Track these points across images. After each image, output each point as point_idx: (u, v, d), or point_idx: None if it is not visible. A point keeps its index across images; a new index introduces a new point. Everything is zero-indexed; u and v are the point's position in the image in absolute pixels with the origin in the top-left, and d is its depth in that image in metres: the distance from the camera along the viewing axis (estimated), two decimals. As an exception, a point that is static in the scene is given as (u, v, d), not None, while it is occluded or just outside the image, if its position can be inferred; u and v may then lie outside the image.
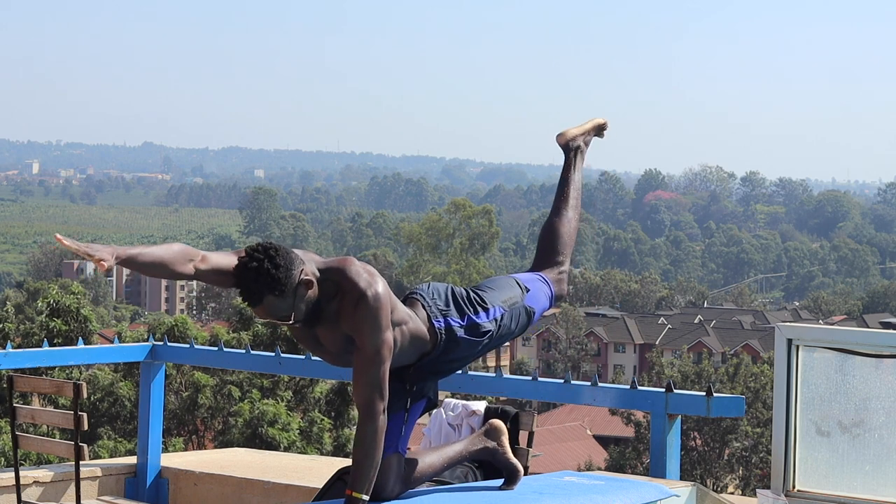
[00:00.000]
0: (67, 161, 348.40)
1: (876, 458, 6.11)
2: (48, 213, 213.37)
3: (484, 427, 5.56)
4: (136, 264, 4.85)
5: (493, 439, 5.49)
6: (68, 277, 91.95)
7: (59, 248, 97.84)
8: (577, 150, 5.94)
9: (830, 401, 6.22)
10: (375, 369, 4.93)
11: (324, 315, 4.99)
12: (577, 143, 5.95)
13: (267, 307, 4.89)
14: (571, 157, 5.92)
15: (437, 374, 5.27)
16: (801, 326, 6.37)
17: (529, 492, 5.26)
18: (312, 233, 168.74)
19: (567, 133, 5.96)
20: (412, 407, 5.22)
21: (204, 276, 4.94)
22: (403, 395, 5.19)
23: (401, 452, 5.18)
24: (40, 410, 7.75)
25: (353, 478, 5.00)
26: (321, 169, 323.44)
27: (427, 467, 5.33)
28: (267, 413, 27.49)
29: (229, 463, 8.35)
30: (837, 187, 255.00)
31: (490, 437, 5.50)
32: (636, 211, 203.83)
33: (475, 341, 5.24)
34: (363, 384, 4.94)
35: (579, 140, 5.96)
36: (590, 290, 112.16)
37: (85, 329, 27.19)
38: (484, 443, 5.48)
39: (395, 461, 5.15)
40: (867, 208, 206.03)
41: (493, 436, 5.50)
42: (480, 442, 5.48)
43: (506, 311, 5.34)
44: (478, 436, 5.51)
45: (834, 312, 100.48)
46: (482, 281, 5.57)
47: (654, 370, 51.15)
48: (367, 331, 4.92)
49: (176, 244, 4.96)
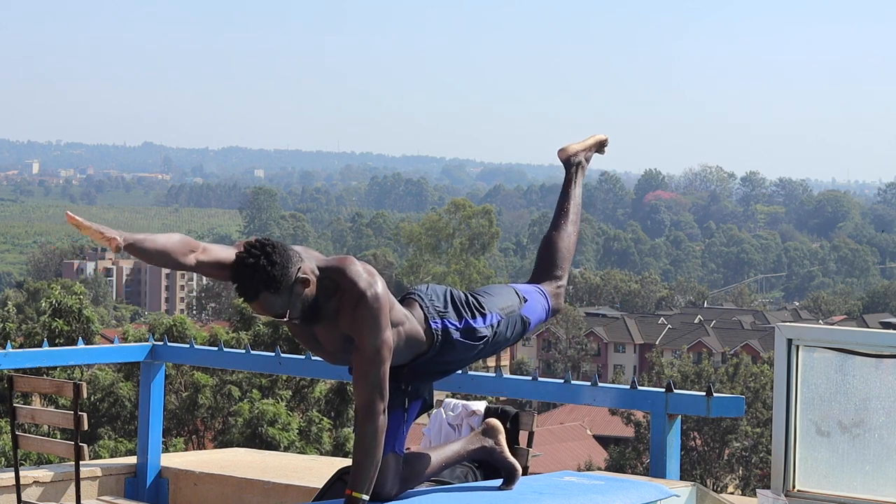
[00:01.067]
0: (67, 161, 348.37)
1: (876, 458, 6.11)
2: (48, 213, 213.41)
3: (481, 426, 5.57)
4: (141, 250, 4.89)
5: (491, 438, 5.49)
6: (68, 277, 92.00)
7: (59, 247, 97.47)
8: (578, 165, 5.99)
9: (830, 401, 6.22)
10: (376, 369, 4.93)
11: (322, 313, 5.00)
12: (578, 158, 5.99)
13: (262, 303, 4.91)
14: (572, 172, 5.96)
15: (431, 375, 5.28)
16: (801, 326, 6.37)
17: (529, 492, 5.26)
18: (312, 233, 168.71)
19: (568, 148, 5.99)
20: (410, 406, 5.23)
21: (204, 268, 4.97)
22: (400, 394, 5.20)
23: (399, 452, 5.19)
24: (40, 410, 7.75)
25: (353, 478, 5.01)
26: (321, 169, 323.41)
27: (425, 467, 5.33)
28: (267, 413, 27.49)
29: (229, 463, 8.35)
30: (837, 187, 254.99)
31: (487, 436, 5.50)
32: (636, 211, 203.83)
33: (470, 345, 5.24)
34: (363, 384, 4.95)
35: (580, 156, 6.00)
36: (590, 290, 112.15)
37: (87, 329, 27.18)
38: (481, 442, 5.49)
39: (394, 461, 5.16)
40: (867, 208, 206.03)
41: (490, 435, 5.50)
42: (478, 441, 5.49)
43: (503, 319, 5.34)
44: (475, 435, 5.52)
45: (834, 312, 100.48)
46: (481, 287, 5.57)
47: (653, 370, 51.15)
48: (366, 331, 4.92)
49: (176, 234, 4.99)
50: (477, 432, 5.54)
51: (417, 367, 5.19)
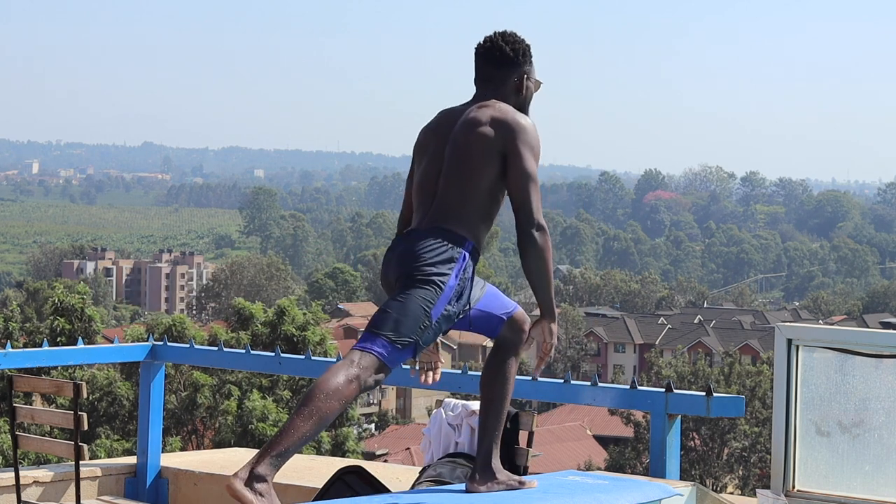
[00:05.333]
0: (67, 161, 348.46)
1: (876, 458, 6.11)
2: (48, 213, 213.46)
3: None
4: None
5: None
6: (68, 277, 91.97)
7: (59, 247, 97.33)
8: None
9: (830, 401, 6.21)
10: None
11: None
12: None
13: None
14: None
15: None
16: (801, 326, 6.37)
17: (534, 490, 5.26)
18: (312, 233, 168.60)
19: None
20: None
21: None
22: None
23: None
24: (40, 410, 7.75)
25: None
26: (321, 169, 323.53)
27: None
28: (255, 409, 27.47)
29: (229, 463, 8.34)
30: (837, 187, 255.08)
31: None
32: (636, 211, 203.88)
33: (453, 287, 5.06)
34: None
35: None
36: (590, 290, 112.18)
37: (88, 329, 27.18)
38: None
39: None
40: (867, 208, 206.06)
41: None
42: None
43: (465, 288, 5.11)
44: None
45: (834, 312, 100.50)
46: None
47: (653, 370, 51.16)
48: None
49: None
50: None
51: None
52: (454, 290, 5.00)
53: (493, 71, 5.22)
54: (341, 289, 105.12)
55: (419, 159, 5.22)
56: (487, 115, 5.09)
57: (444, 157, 5.11)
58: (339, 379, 4.82)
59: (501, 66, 5.21)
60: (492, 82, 5.22)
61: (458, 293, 5.02)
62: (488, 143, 5.05)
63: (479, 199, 5.06)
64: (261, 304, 32.17)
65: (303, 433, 4.73)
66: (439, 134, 5.17)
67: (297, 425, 4.74)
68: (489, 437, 5.16)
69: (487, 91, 5.22)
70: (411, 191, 5.26)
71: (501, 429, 5.20)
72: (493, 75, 5.22)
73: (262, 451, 4.74)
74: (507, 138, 5.06)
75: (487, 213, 5.10)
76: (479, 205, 5.06)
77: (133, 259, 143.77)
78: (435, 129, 5.20)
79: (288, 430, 4.73)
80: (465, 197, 5.07)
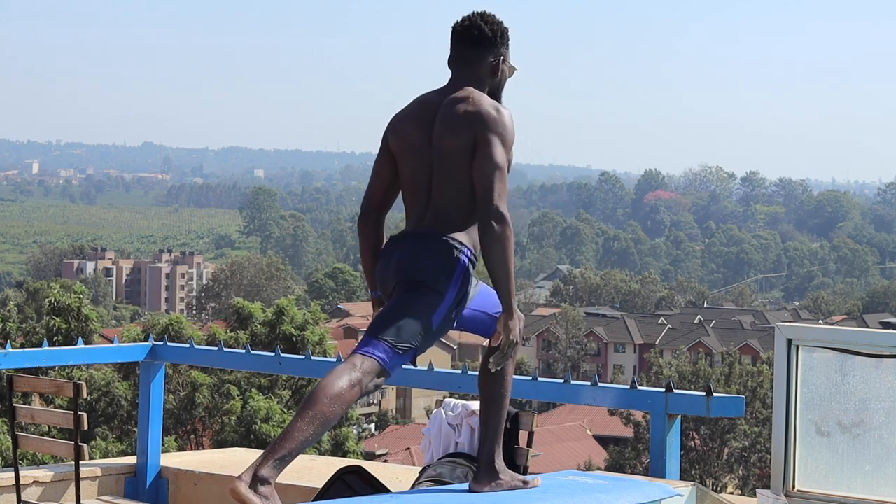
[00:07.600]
0: (67, 161, 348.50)
1: (876, 458, 6.10)
2: (48, 213, 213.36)
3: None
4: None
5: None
6: (68, 277, 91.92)
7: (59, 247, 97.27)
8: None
9: (830, 401, 6.21)
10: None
11: None
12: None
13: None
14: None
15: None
16: (801, 326, 6.36)
17: (534, 490, 5.26)
18: (312, 233, 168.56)
19: None
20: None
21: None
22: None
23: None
24: (40, 410, 7.75)
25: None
26: (321, 169, 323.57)
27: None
28: (259, 410, 27.47)
29: (229, 463, 8.34)
30: (837, 187, 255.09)
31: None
32: (636, 211, 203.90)
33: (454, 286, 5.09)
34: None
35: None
36: (590, 290, 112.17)
37: (85, 328, 27.11)
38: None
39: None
40: (867, 208, 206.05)
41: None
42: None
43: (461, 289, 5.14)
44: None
45: (834, 312, 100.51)
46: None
47: (653, 370, 51.17)
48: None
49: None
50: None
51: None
52: (455, 299, 5.03)
53: (470, 51, 5.17)
54: (341, 289, 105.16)
55: (403, 153, 5.18)
56: (462, 111, 5.06)
57: (433, 160, 5.11)
58: (342, 383, 4.85)
59: (478, 47, 5.17)
60: (468, 63, 5.18)
61: (459, 301, 5.06)
62: (467, 144, 5.03)
63: (474, 203, 5.05)
64: (259, 303, 32.18)
65: (306, 436, 4.76)
66: (420, 127, 5.14)
67: (300, 428, 4.77)
68: (491, 437, 5.16)
69: (462, 73, 5.18)
70: (380, 174, 5.26)
71: (502, 428, 5.20)
72: (469, 56, 5.18)
73: (265, 454, 4.76)
74: (478, 130, 5.03)
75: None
76: (473, 209, 5.05)
77: (133, 259, 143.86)
78: (415, 121, 5.16)
79: (291, 433, 4.76)
80: (460, 202, 5.07)
